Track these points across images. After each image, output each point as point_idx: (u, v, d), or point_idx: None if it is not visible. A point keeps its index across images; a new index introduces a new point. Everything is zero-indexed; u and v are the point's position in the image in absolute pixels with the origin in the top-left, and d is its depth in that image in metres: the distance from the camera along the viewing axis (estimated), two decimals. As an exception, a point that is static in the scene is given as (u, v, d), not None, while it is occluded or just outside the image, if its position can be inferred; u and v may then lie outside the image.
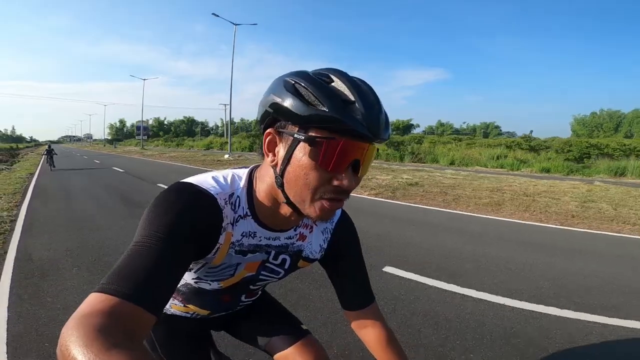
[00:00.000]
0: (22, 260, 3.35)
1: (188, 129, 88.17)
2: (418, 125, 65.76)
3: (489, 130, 70.68)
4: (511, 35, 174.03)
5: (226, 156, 22.03)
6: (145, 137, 56.92)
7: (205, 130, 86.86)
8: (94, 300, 0.44)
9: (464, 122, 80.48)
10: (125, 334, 0.41)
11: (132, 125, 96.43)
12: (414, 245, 3.96)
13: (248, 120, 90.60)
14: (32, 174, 11.95)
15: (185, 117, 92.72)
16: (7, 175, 11.44)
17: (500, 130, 71.22)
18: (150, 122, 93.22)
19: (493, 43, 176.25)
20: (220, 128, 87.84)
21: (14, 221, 4.94)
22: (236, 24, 24.01)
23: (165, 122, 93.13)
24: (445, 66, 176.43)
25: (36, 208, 5.92)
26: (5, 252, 3.57)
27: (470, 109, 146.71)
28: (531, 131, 58.34)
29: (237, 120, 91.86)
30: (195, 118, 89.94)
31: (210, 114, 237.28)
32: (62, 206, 6.14)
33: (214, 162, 19.04)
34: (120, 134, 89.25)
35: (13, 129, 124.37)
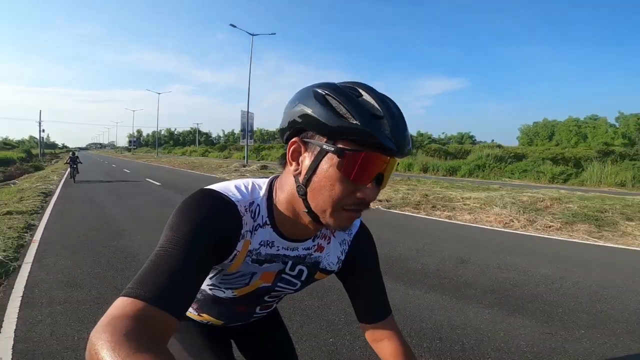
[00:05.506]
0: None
1: (194, 139, 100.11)
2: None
3: (463, 140, 75.13)
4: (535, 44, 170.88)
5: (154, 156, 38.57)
6: (136, 147, 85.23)
7: (209, 140, 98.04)
8: (121, 304, 0.46)
9: (443, 132, 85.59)
10: (151, 337, 0.43)
11: (148, 135, 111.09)
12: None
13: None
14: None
15: (192, 127, 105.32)
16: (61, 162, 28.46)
17: (474, 140, 75.60)
18: (163, 132, 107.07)
19: (518, 52, 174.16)
20: (221, 138, 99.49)
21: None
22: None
23: (175, 132, 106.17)
24: (459, 76, 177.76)
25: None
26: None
27: (485, 118, 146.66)
28: (492, 140, 63.01)
29: (237, 131, 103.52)
30: (201, 129, 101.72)
31: (229, 122, 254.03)
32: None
33: (139, 158, 30.49)
34: (137, 143, 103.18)
35: (48, 136, 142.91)
